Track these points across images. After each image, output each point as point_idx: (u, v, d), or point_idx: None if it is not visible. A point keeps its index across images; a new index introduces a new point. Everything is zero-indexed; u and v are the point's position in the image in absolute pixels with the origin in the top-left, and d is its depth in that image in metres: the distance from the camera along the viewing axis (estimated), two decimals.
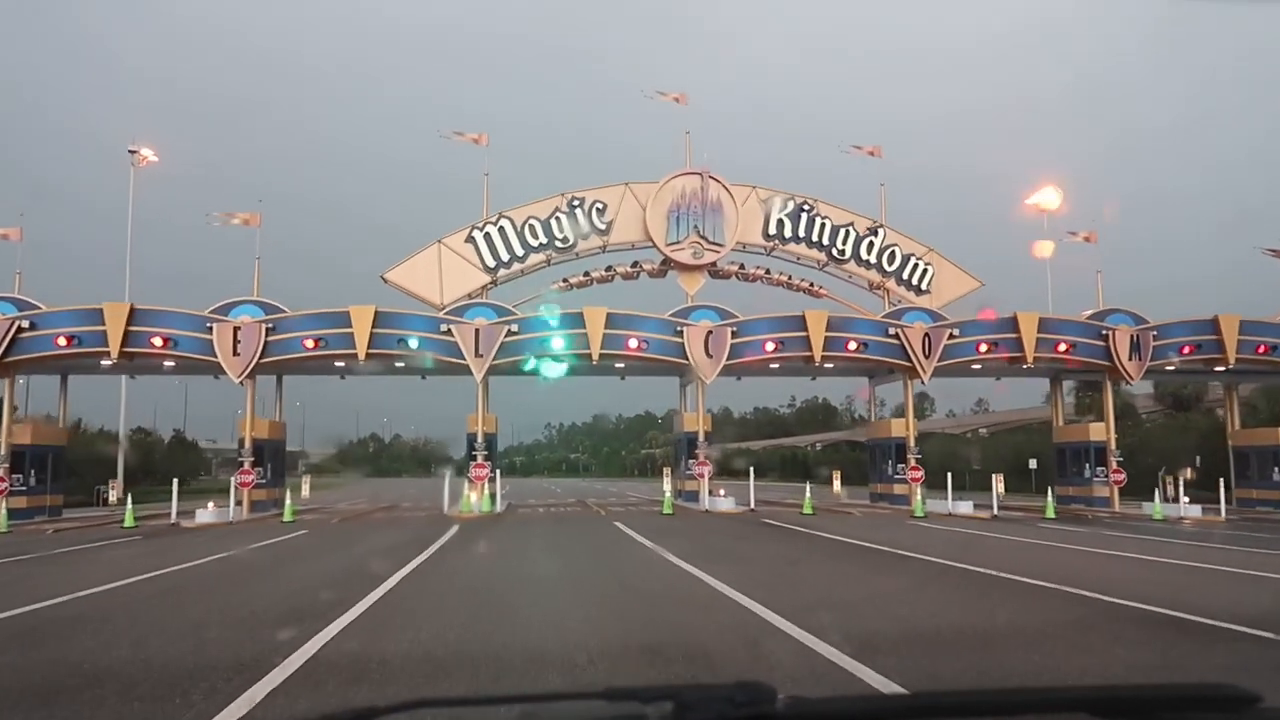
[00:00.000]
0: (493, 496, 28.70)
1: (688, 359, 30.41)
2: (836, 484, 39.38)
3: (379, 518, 29.11)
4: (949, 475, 28.73)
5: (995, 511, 27.64)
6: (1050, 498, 27.43)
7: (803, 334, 30.77)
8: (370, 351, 29.40)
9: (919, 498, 27.43)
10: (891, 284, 33.73)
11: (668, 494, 27.59)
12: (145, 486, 46.25)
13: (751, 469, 29.67)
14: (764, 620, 8.79)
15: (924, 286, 33.73)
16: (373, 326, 29.37)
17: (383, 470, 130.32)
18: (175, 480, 27.03)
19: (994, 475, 29.79)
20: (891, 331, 31.23)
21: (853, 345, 31.01)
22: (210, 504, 26.86)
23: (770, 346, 30.80)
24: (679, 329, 30.56)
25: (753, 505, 28.83)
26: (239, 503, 29.51)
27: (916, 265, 33.75)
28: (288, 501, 26.70)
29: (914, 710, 1.77)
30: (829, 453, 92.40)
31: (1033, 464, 53.69)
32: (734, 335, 30.63)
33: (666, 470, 40.48)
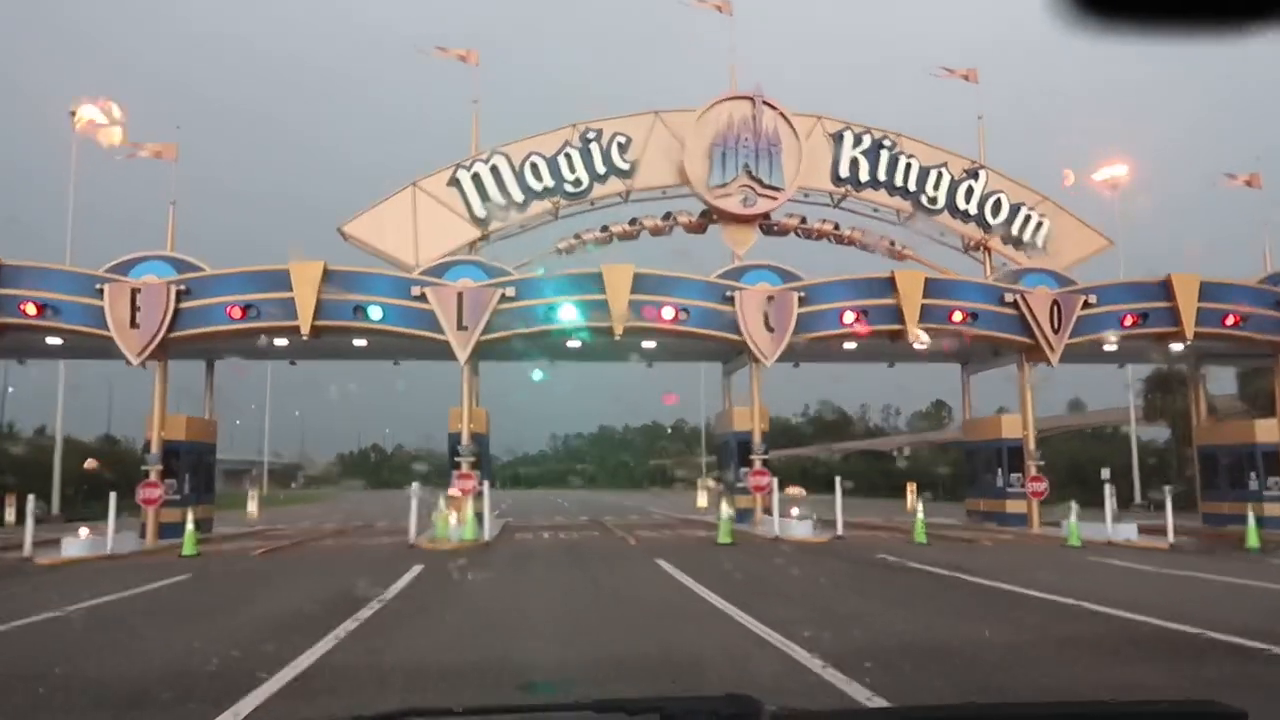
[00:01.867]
0: (479, 517, 20.50)
1: (741, 334, 22.27)
2: (911, 498, 31.13)
3: (325, 548, 20.93)
4: (1108, 489, 20.52)
5: (1172, 539, 19.46)
6: (1252, 521, 19.18)
7: (891, 302, 22.63)
8: (318, 324, 21.31)
9: (1073, 520, 19.24)
10: (995, 241, 25.57)
11: (725, 515, 19.51)
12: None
13: (839, 480, 21.59)
14: None
15: (1038, 244, 25.57)
16: (320, 290, 21.30)
17: (383, 481, 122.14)
18: (30, 497, 18.87)
19: (1161, 488, 21.49)
20: (1009, 298, 23.07)
21: (958, 316, 22.85)
22: (84, 530, 18.71)
23: (849, 318, 22.65)
24: (729, 294, 22.43)
25: (840, 530, 20.58)
26: (143, 526, 21.50)
27: (1028, 218, 25.59)
28: (189, 528, 18.53)
29: None
30: (853, 462, 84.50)
31: (1105, 473, 45.68)
32: (802, 302, 22.53)
33: (702, 484, 32.29)
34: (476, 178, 23.96)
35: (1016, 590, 11.46)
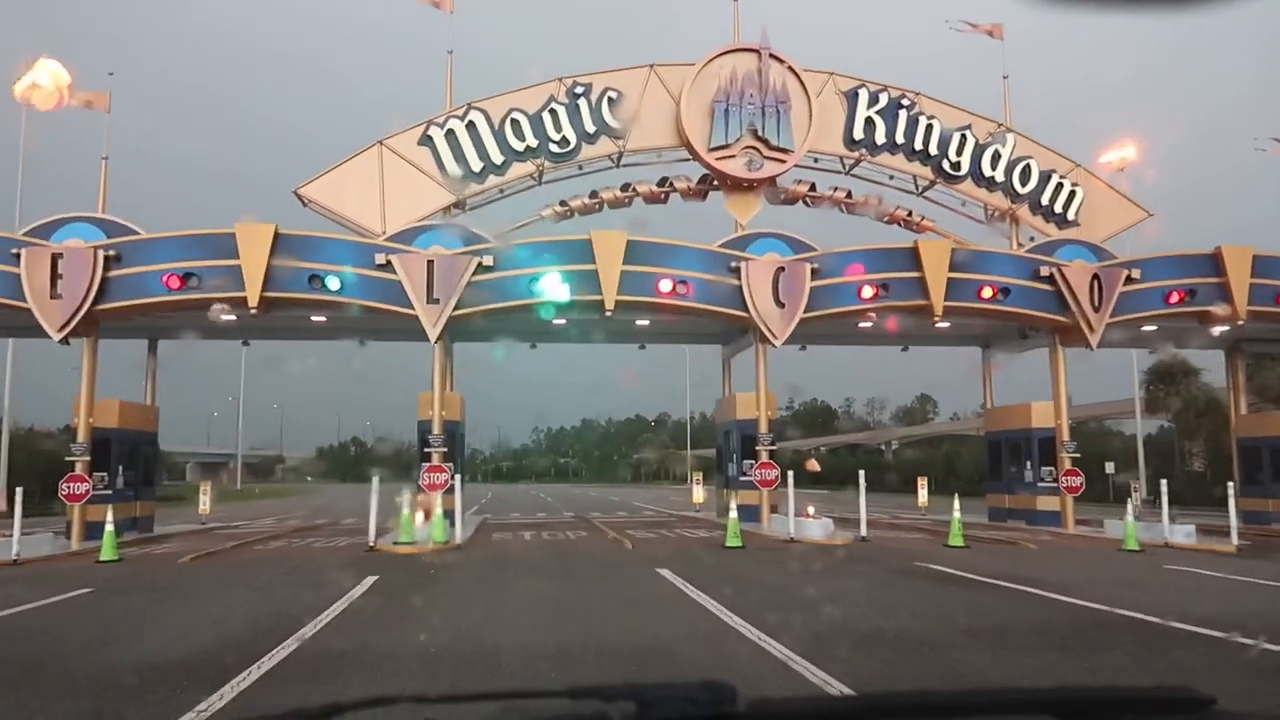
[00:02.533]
0: (449, 515, 17.60)
1: (748, 310, 19.56)
2: (922, 494, 28.53)
3: (270, 552, 17.98)
4: (1163, 484, 17.84)
5: (1237, 542, 16.93)
6: None
7: (915, 274, 19.96)
8: (268, 295, 18.41)
9: (1130, 519, 16.61)
10: (1024, 212, 22.95)
11: (732, 515, 16.76)
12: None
13: (862, 474, 18.86)
14: None
15: (1071, 216, 22.96)
16: (271, 257, 18.41)
17: (363, 476, 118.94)
18: None
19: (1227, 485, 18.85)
20: (1044, 272, 20.44)
21: (987, 292, 20.21)
22: None
23: (868, 292, 19.96)
24: (734, 265, 19.71)
25: (864, 532, 17.85)
26: (68, 525, 18.60)
27: (1060, 186, 22.97)
28: (108, 529, 15.60)
29: (874, 710, 1.71)
30: (841, 456, 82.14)
31: (1109, 468, 43.40)
32: (815, 275, 19.83)
33: (697, 478, 29.56)
34: (451, 135, 21.11)
35: (1132, 616, 8.78)
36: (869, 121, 22.29)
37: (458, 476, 17.97)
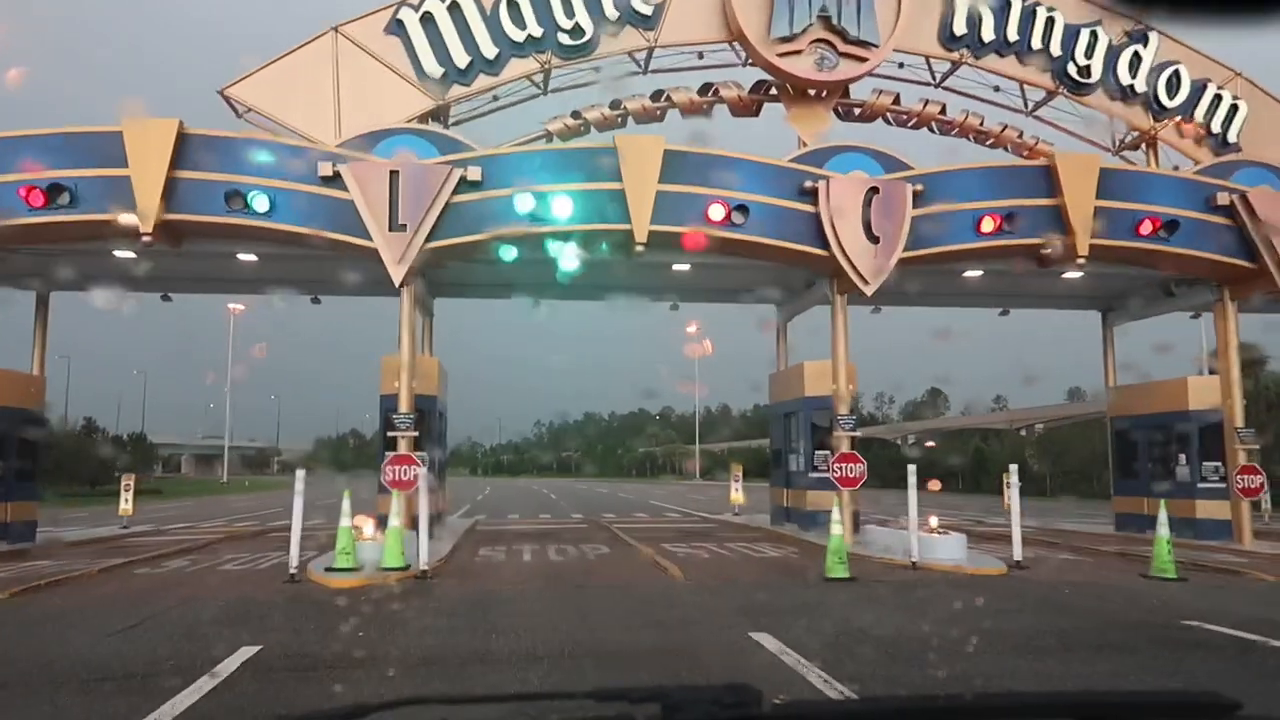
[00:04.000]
0: (413, 524, 11.82)
1: (828, 245, 14.00)
2: (1011, 494, 22.81)
3: (146, 581, 12.19)
4: None
5: None
6: None
7: (1050, 202, 14.40)
8: (169, 218, 12.87)
9: None
10: (1169, 133, 17.38)
11: (836, 531, 10.99)
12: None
13: (1014, 469, 13.14)
14: None
15: (1231, 137, 17.38)
16: (174, 165, 12.87)
17: (362, 468, 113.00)
18: None
19: None
20: (1221, 201, 14.87)
21: (1147, 227, 14.62)
22: None
23: (988, 225, 14.38)
24: (809, 185, 14.13)
25: (1018, 556, 12.19)
26: None
27: (1217, 99, 17.35)
28: None
29: (898, 713, 1.69)
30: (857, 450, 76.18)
31: None
32: (916, 200, 14.25)
33: (737, 472, 23.81)
34: (428, 20, 15.49)
35: None
36: (973, 13, 16.68)
37: (422, 470, 12.33)
